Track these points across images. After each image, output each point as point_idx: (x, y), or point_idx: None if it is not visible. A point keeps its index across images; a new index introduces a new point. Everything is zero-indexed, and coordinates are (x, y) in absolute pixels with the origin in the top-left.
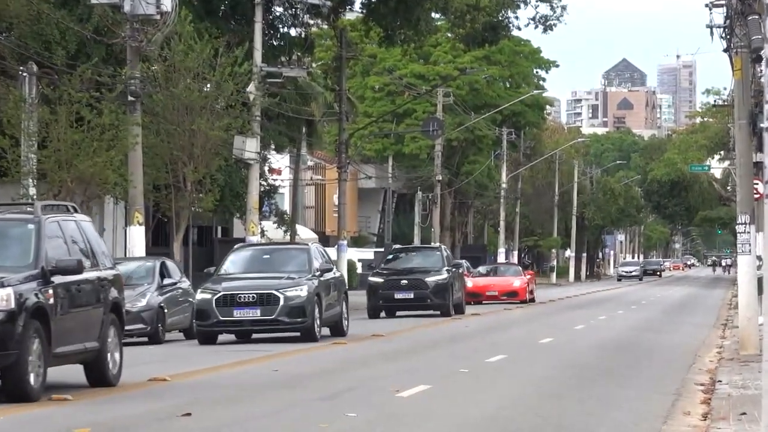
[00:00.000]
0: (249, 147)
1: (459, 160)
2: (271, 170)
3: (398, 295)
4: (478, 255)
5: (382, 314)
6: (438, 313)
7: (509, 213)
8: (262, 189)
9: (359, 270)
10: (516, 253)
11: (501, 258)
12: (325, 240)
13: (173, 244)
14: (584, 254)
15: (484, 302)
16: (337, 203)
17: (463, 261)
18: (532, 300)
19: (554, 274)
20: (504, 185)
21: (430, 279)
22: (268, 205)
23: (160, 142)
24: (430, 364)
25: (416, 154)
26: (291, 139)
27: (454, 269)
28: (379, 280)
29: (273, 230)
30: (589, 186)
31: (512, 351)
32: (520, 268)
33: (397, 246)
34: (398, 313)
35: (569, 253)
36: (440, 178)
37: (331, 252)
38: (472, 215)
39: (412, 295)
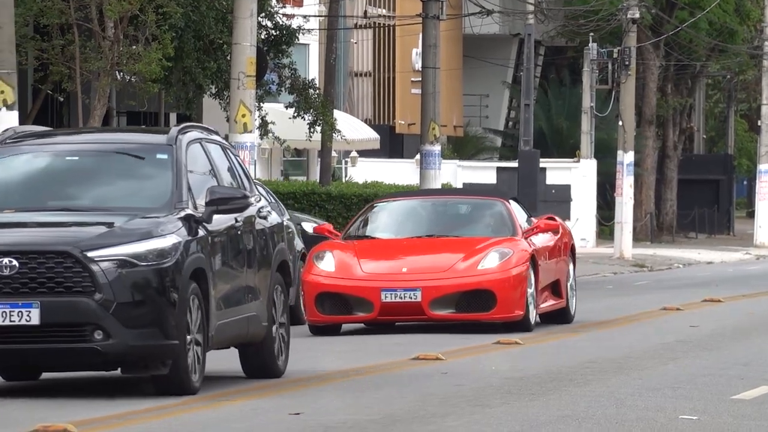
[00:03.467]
0: None
1: None
2: None
3: None
4: (715, 176)
5: None
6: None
7: None
8: (263, 36)
9: None
10: None
11: (764, 183)
12: (396, 141)
13: None
14: None
15: (386, 323)
16: (419, 67)
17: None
18: (562, 316)
19: None
20: None
21: (101, 253)
22: (277, 70)
23: None
24: None
25: None
26: None
27: (222, 213)
28: None
29: (285, 121)
30: None
31: None
32: (513, 210)
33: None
34: None
35: None
36: (637, 16)
37: (405, 166)
38: (703, 93)
39: (32, 317)
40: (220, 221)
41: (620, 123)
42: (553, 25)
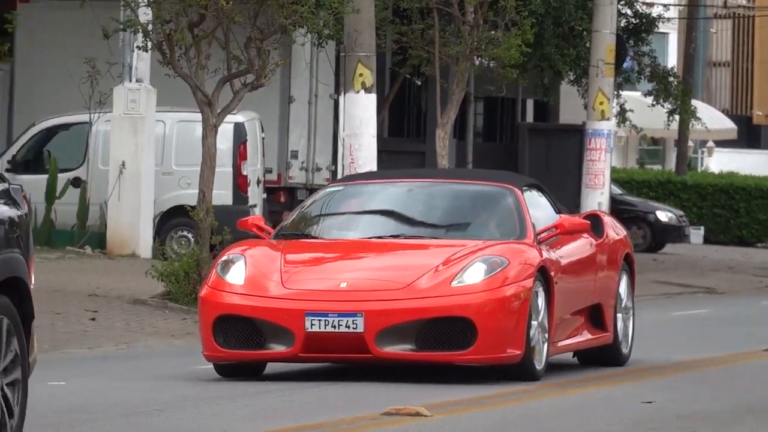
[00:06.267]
0: None
1: None
2: None
3: None
4: None
5: None
6: None
7: None
8: (622, 24)
9: None
10: None
11: None
12: (753, 131)
13: (436, 133)
14: None
15: (313, 362)
16: None
17: None
18: (607, 356)
19: None
20: None
21: None
22: (635, 58)
23: None
24: None
25: None
26: None
27: None
28: None
29: (643, 109)
30: None
31: None
32: (524, 203)
33: None
34: None
35: None
36: None
37: (762, 158)
38: None
39: None
40: None
41: None
42: None
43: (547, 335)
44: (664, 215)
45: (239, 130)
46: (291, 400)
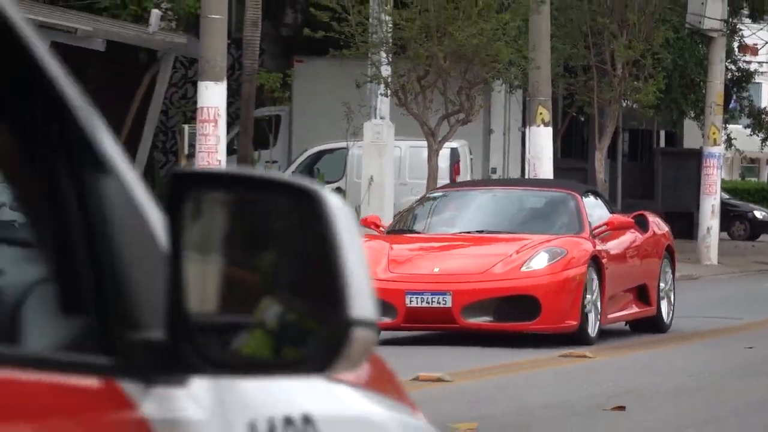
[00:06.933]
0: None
1: None
2: (743, 48)
3: None
4: None
5: None
6: None
7: None
8: (728, 76)
9: None
10: None
11: None
12: None
13: (595, 155)
14: None
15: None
16: None
17: None
18: (652, 325)
19: None
20: None
21: None
22: (738, 101)
23: (578, 2)
24: None
25: None
26: None
27: None
28: None
29: (744, 138)
30: None
31: None
32: (583, 205)
33: None
34: None
35: None
36: None
37: None
38: None
39: None
40: None
41: None
42: None
43: (599, 309)
44: (759, 214)
45: (454, 153)
46: (465, 353)
